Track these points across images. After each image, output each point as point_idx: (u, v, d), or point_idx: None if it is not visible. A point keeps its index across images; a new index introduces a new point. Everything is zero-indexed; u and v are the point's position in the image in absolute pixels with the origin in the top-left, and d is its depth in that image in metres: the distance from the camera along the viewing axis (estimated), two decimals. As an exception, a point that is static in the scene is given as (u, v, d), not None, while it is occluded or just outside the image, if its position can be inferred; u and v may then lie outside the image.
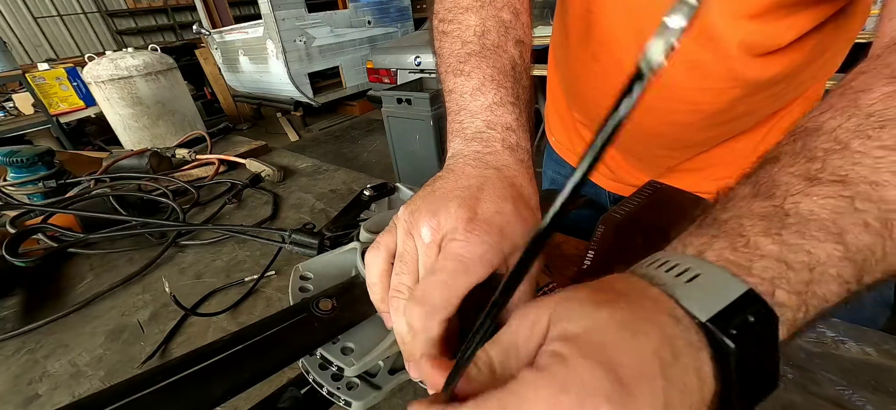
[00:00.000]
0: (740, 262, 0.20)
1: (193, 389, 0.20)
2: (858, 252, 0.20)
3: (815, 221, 0.20)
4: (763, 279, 0.19)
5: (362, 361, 0.25)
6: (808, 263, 0.20)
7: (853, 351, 0.38)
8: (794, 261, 0.20)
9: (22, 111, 3.46)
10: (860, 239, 0.20)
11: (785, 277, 0.19)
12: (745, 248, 0.20)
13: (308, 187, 0.89)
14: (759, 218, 0.21)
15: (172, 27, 8.72)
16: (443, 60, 0.37)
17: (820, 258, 0.20)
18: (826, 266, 0.20)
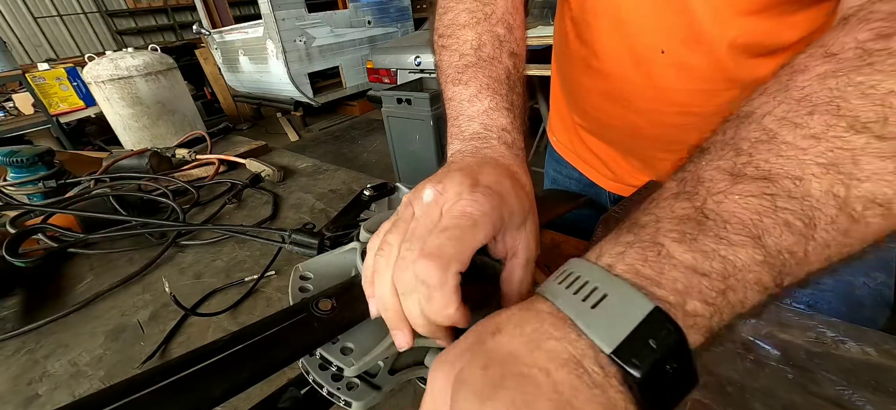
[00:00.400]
0: (650, 275, 0.19)
1: (193, 389, 0.20)
2: (779, 254, 0.19)
3: (734, 224, 0.19)
4: (674, 290, 0.19)
5: (362, 361, 0.25)
6: (723, 271, 0.19)
7: (853, 351, 0.38)
8: (708, 270, 0.19)
9: (22, 111, 3.46)
10: (781, 241, 0.19)
11: (697, 287, 0.19)
12: (657, 259, 0.20)
13: (308, 187, 0.89)
14: (677, 222, 0.20)
15: (172, 27, 8.72)
16: (442, 72, 0.39)
17: (736, 264, 0.19)
18: (743, 271, 0.19)
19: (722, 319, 0.19)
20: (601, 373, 0.18)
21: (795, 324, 0.41)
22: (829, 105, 0.20)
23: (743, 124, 0.22)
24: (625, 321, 0.18)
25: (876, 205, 0.19)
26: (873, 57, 0.19)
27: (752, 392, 0.36)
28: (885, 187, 0.18)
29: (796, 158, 0.19)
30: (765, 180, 0.20)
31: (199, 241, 0.70)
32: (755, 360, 0.38)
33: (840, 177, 0.19)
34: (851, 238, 0.19)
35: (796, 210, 0.19)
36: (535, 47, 1.92)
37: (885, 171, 0.18)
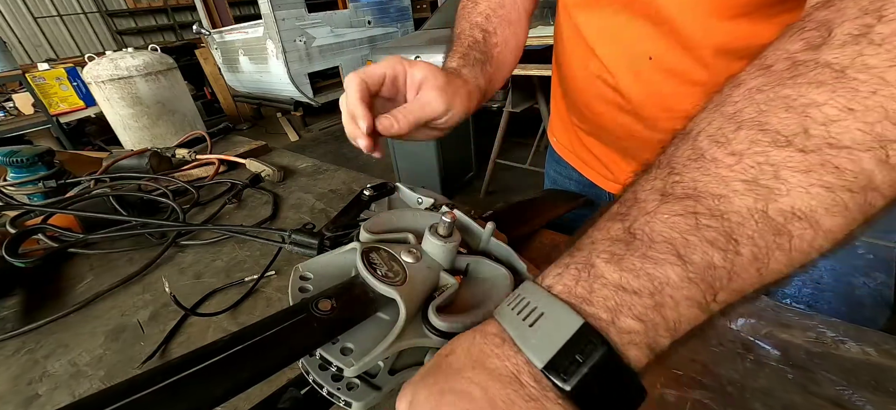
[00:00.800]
0: (582, 294, 0.21)
1: (193, 389, 0.20)
2: (706, 271, 0.19)
3: (659, 242, 0.20)
4: (606, 307, 0.20)
5: (362, 361, 0.25)
6: (651, 288, 0.20)
7: (853, 351, 0.38)
8: (637, 287, 0.20)
9: (22, 111, 3.46)
10: (707, 258, 0.19)
11: (628, 304, 0.20)
12: (588, 279, 0.21)
13: (308, 187, 0.89)
14: (609, 243, 0.22)
15: (172, 27, 8.72)
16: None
17: (663, 281, 0.19)
18: (672, 288, 0.19)
19: (660, 335, 0.20)
20: (537, 387, 0.19)
21: (795, 324, 0.41)
22: (756, 120, 0.20)
23: (682, 142, 0.23)
24: (556, 337, 0.19)
25: (797, 219, 0.19)
26: (800, 68, 0.20)
27: (752, 392, 0.36)
28: (803, 199, 0.18)
29: (719, 176, 0.20)
30: (690, 199, 0.20)
31: (199, 241, 0.70)
32: (755, 360, 0.38)
33: (761, 193, 0.19)
34: (782, 252, 0.19)
35: (718, 227, 0.19)
36: (535, 47, 1.91)
37: (806, 184, 0.18)
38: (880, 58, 0.18)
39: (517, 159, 2.49)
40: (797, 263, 0.20)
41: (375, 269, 0.29)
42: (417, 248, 0.33)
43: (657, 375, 0.38)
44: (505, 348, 0.21)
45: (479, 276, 0.35)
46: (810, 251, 0.19)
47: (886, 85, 0.17)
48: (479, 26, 0.52)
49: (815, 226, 0.19)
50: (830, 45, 0.19)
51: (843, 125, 0.18)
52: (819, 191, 0.18)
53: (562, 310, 0.20)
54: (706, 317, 0.20)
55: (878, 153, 0.18)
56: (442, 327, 0.28)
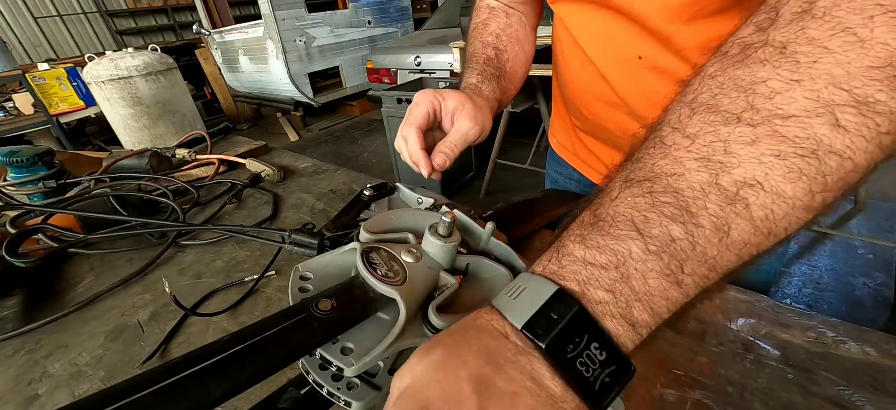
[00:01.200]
0: (555, 270, 0.23)
1: (193, 390, 0.20)
2: (668, 244, 0.21)
3: (620, 221, 0.22)
4: (577, 280, 0.22)
5: (362, 361, 0.25)
6: (615, 261, 0.21)
7: (853, 351, 0.38)
8: (604, 262, 0.22)
9: (22, 111, 3.46)
10: (666, 231, 0.21)
11: (596, 277, 0.22)
12: (559, 257, 0.23)
13: (308, 187, 0.89)
14: (578, 226, 0.24)
15: (172, 27, 8.72)
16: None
17: (626, 254, 0.21)
18: (636, 261, 0.21)
19: (632, 307, 0.21)
20: (523, 345, 0.21)
21: (795, 324, 0.41)
22: (708, 103, 0.21)
23: (650, 133, 0.24)
24: (533, 303, 0.22)
25: (749, 187, 0.20)
26: (749, 50, 0.21)
27: (752, 392, 0.36)
28: (754, 169, 0.20)
29: (675, 157, 0.21)
30: (649, 181, 0.22)
31: (199, 241, 0.70)
32: (755, 360, 0.38)
33: (713, 167, 0.20)
34: (743, 220, 0.20)
35: (674, 202, 0.21)
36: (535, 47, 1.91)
37: (754, 154, 0.20)
38: (822, 29, 0.19)
39: (517, 159, 2.49)
40: (766, 233, 0.20)
41: (375, 269, 0.29)
42: (417, 248, 0.33)
43: (657, 375, 0.38)
44: (494, 314, 0.23)
45: (479, 276, 0.35)
46: (776, 217, 0.20)
47: (829, 52, 0.18)
48: (491, 45, 0.57)
49: (773, 193, 0.19)
50: (776, 26, 0.20)
51: (789, 95, 0.19)
52: (771, 160, 0.19)
53: (539, 282, 0.23)
54: (683, 292, 0.21)
55: (827, 118, 0.18)
56: (442, 327, 0.28)
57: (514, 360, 0.21)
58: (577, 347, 0.20)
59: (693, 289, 0.21)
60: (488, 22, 0.59)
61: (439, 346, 0.22)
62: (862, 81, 0.18)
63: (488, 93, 0.52)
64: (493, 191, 2.68)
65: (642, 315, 0.21)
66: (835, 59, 0.18)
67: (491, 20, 0.59)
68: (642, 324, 0.21)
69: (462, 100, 0.46)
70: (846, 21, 0.18)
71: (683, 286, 0.21)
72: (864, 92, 0.18)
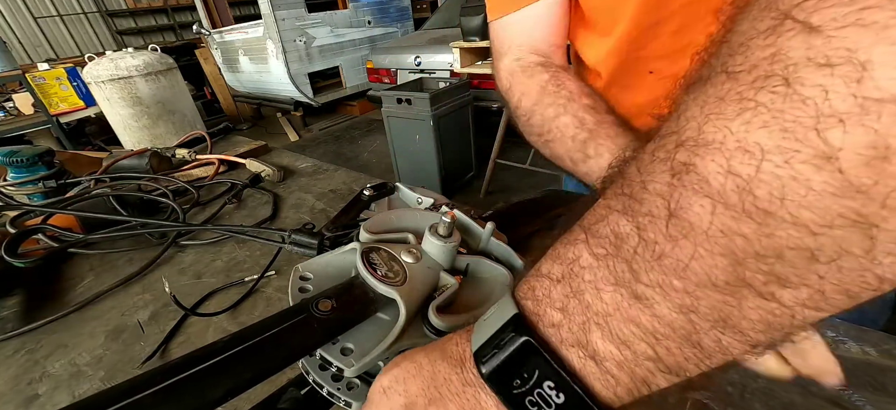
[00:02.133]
0: (524, 288, 0.21)
1: (194, 391, 0.20)
2: (615, 244, 0.17)
3: (577, 228, 0.19)
4: (534, 299, 0.20)
5: (362, 362, 0.25)
6: (564, 271, 0.18)
7: (853, 351, 0.38)
8: (556, 273, 0.19)
9: (22, 111, 3.45)
10: (616, 228, 0.17)
11: (549, 293, 0.19)
12: (531, 276, 0.21)
13: (308, 187, 0.89)
14: (552, 250, 0.21)
15: (172, 27, 8.72)
16: (562, 159, 0.45)
17: (573, 259, 0.18)
18: (585, 269, 0.17)
19: (588, 332, 0.17)
20: (475, 375, 0.20)
21: (795, 324, 0.41)
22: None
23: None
24: (492, 326, 0.20)
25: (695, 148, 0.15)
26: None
27: (752, 392, 0.36)
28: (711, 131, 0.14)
29: (638, 158, 0.17)
30: (623, 193, 0.18)
31: (198, 241, 0.70)
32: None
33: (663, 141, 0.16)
34: (695, 198, 0.14)
35: (619, 191, 0.17)
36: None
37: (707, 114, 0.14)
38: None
39: (517, 159, 2.49)
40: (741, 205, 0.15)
41: (375, 269, 0.29)
42: (417, 248, 0.33)
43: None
44: (463, 336, 0.22)
45: (479, 276, 0.35)
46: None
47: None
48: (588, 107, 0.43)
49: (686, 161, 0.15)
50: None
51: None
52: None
53: (507, 302, 0.21)
54: (650, 311, 0.16)
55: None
56: (442, 327, 0.28)
57: (460, 393, 0.19)
58: (526, 383, 0.17)
59: (664, 307, 0.15)
60: (562, 82, 0.44)
61: (396, 368, 0.22)
62: None
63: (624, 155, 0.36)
64: (493, 191, 2.68)
65: (606, 345, 0.17)
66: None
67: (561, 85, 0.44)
68: (608, 359, 0.17)
69: None
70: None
71: (645, 301, 0.16)
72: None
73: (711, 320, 0.15)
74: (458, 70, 2.31)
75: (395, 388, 0.22)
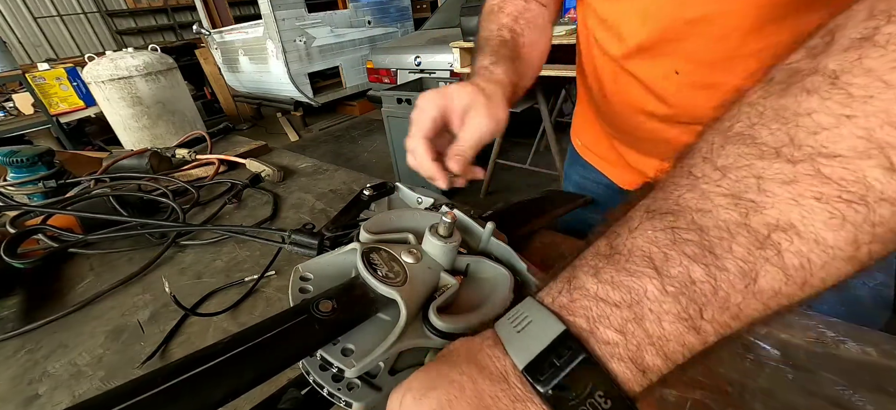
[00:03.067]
0: (565, 303, 0.21)
1: (194, 392, 0.20)
2: (687, 286, 0.19)
3: (637, 256, 0.20)
4: (585, 317, 0.20)
5: (362, 362, 0.25)
6: (629, 300, 0.20)
7: (853, 351, 0.38)
8: (617, 300, 0.20)
9: (22, 111, 3.45)
10: (685, 271, 0.19)
11: (607, 315, 0.20)
12: (570, 290, 0.22)
13: (308, 187, 0.89)
14: (592, 257, 0.22)
15: (172, 27, 8.71)
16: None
17: (641, 293, 0.19)
18: (651, 302, 0.19)
19: (643, 351, 0.19)
20: (522, 390, 0.20)
21: (795, 324, 0.41)
22: (745, 133, 0.19)
23: (678, 161, 0.22)
24: (538, 341, 0.20)
25: (782, 231, 0.17)
26: (797, 77, 0.19)
27: (752, 392, 0.36)
28: (791, 211, 0.17)
29: (702, 190, 0.20)
30: (671, 214, 0.20)
31: (199, 241, 0.70)
32: (755, 360, 0.38)
33: (744, 206, 0.18)
34: (773, 267, 0.18)
35: (697, 241, 0.19)
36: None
37: (791, 195, 0.17)
38: (883, 59, 0.16)
39: (517, 159, 2.49)
40: (801, 280, 0.18)
41: (376, 270, 0.29)
42: (418, 248, 0.33)
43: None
44: (496, 349, 0.22)
45: (480, 276, 0.35)
46: (812, 267, 0.18)
47: (888, 87, 0.16)
48: (507, 27, 0.52)
49: (810, 240, 0.17)
50: (829, 52, 0.18)
51: (837, 133, 0.17)
52: (810, 202, 0.17)
53: (546, 317, 0.21)
54: (701, 339, 0.19)
55: (879, 160, 0.16)
56: (442, 327, 0.28)
57: (510, 408, 0.20)
58: (581, 395, 0.19)
59: (712, 336, 0.19)
60: (504, 5, 0.55)
61: (433, 391, 0.21)
62: None
63: (502, 74, 0.46)
64: (493, 191, 2.68)
65: (654, 360, 0.19)
66: (894, 94, 0.16)
67: (507, 3, 0.55)
68: (653, 370, 0.19)
69: (473, 96, 0.42)
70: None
71: (702, 332, 0.19)
72: None
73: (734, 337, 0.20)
74: (458, 70, 2.31)
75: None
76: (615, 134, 0.61)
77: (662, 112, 0.48)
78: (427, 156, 0.40)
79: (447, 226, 0.32)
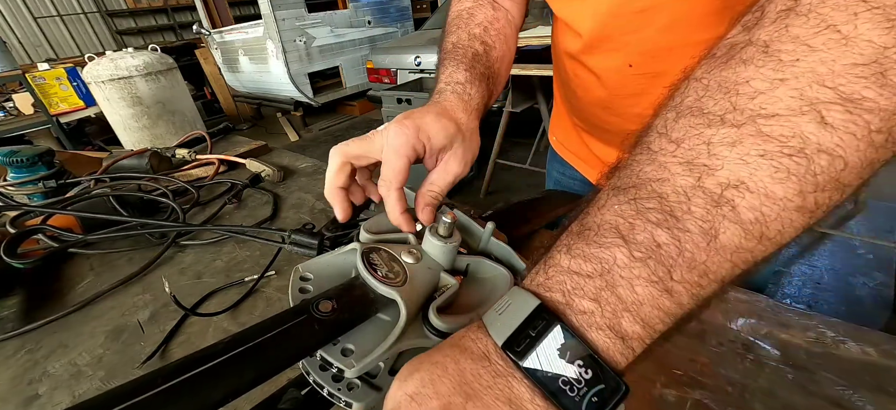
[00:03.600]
0: (542, 281, 0.23)
1: (194, 393, 0.20)
2: (653, 250, 0.20)
3: (605, 229, 0.22)
4: (561, 291, 0.22)
5: (362, 362, 0.25)
6: (599, 269, 0.21)
7: (853, 351, 0.38)
8: (589, 271, 0.21)
9: (22, 111, 3.45)
10: (650, 236, 0.20)
11: (580, 286, 0.21)
12: (546, 268, 0.23)
13: (308, 187, 0.89)
14: (566, 236, 0.24)
15: (172, 27, 8.72)
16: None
17: (611, 262, 0.21)
18: (622, 269, 0.20)
19: (619, 317, 0.20)
20: (503, 365, 0.21)
21: (795, 324, 0.41)
22: (693, 106, 0.21)
23: (638, 141, 0.24)
24: (515, 318, 0.21)
25: (733, 188, 0.19)
26: (735, 50, 0.21)
27: (752, 392, 0.36)
28: (739, 169, 0.19)
29: (659, 162, 0.21)
30: (634, 188, 0.22)
31: (199, 241, 0.70)
32: (755, 360, 0.38)
33: (697, 170, 0.20)
34: (731, 223, 0.19)
35: (658, 207, 0.20)
36: (534, 47, 1.91)
37: (737, 155, 0.19)
38: (806, 26, 0.18)
39: (517, 159, 2.49)
40: (757, 233, 0.19)
41: (376, 270, 0.29)
42: (417, 249, 0.33)
43: (657, 375, 0.38)
44: (478, 332, 0.23)
45: (480, 276, 0.35)
46: (766, 219, 0.19)
47: (812, 50, 0.18)
48: (479, 39, 0.49)
49: (760, 194, 0.19)
50: (761, 25, 0.20)
51: (772, 94, 0.19)
52: (756, 160, 0.19)
53: (523, 296, 0.23)
54: (675, 301, 0.20)
55: (812, 115, 0.18)
56: (442, 328, 0.28)
57: (492, 385, 0.20)
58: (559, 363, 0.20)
59: (686, 298, 0.20)
60: (474, 11, 0.52)
61: (417, 373, 0.22)
62: (847, 79, 0.18)
63: (477, 100, 0.43)
64: (493, 191, 2.68)
65: (633, 326, 0.20)
66: (819, 56, 0.18)
67: (477, 10, 0.52)
68: (633, 337, 0.20)
69: (452, 137, 0.38)
70: (830, 18, 0.18)
71: (675, 294, 0.20)
72: (850, 89, 0.18)
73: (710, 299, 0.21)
74: (458, 70, 2.31)
75: (424, 392, 0.21)
76: (584, 127, 0.63)
77: (612, 105, 0.51)
78: (397, 207, 0.35)
79: (447, 226, 0.32)
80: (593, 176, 0.66)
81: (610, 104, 0.52)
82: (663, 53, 0.43)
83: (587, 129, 0.63)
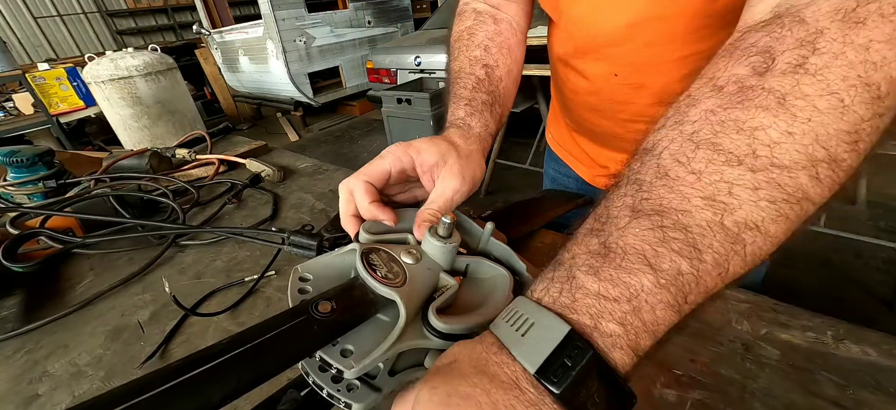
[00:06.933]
0: (567, 303, 0.23)
1: (193, 394, 0.20)
2: (676, 277, 0.22)
3: (631, 255, 0.22)
4: (588, 315, 0.22)
5: (362, 363, 0.25)
6: (628, 295, 0.22)
7: (853, 351, 0.38)
8: (616, 295, 0.22)
9: (22, 111, 3.46)
10: (675, 266, 0.22)
11: (609, 310, 0.22)
12: (570, 290, 0.23)
13: (308, 187, 0.89)
14: (587, 256, 0.24)
15: (172, 27, 8.72)
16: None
17: (638, 288, 0.22)
18: (647, 294, 0.22)
19: (640, 337, 0.22)
20: (535, 393, 0.20)
21: (795, 324, 0.41)
22: (711, 141, 0.23)
23: (646, 158, 0.25)
24: (546, 343, 0.21)
25: (749, 229, 0.22)
26: (747, 93, 0.23)
27: (752, 392, 0.36)
28: (757, 212, 0.22)
29: (682, 193, 0.23)
30: (657, 214, 0.23)
31: (199, 241, 0.70)
32: (755, 360, 0.38)
33: (718, 207, 0.22)
34: (739, 257, 0.22)
35: (683, 239, 0.22)
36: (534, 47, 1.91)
37: (755, 199, 0.21)
38: (814, 88, 0.21)
39: (517, 159, 2.49)
40: (750, 265, 0.23)
41: (375, 270, 0.29)
42: (417, 249, 0.33)
43: (657, 375, 0.38)
44: (502, 355, 0.22)
45: (479, 277, 0.35)
46: (761, 254, 0.22)
47: (818, 112, 0.21)
48: (480, 61, 0.49)
49: (763, 234, 0.22)
50: (773, 72, 0.22)
51: (784, 147, 0.21)
52: (766, 205, 0.21)
53: (550, 318, 0.22)
54: (680, 316, 0.22)
55: (810, 171, 0.21)
56: (442, 328, 0.27)
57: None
58: (590, 390, 0.20)
59: (687, 313, 0.23)
60: (474, 30, 0.51)
61: (444, 408, 0.20)
62: (837, 142, 0.21)
63: (480, 129, 0.44)
64: (493, 191, 2.68)
65: (645, 342, 0.22)
66: (822, 119, 0.21)
67: (477, 28, 0.51)
68: (643, 350, 0.22)
69: (443, 153, 0.38)
70: (834, 86, 0.21)
71: (681, 312, 0.22)
72: (836, 151, 0.21)
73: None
74: (458, 70, 2.31)
75: None
76: (575, 127, 0.65)
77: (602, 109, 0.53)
78: (366, 197, 0.36)
79: (446, 227, 0.32)
80: (586, 173, 0.68)
81: (598, 107, 0.54)
82: (646, 67, 0.46)
83: (578, 130, 0.64)
